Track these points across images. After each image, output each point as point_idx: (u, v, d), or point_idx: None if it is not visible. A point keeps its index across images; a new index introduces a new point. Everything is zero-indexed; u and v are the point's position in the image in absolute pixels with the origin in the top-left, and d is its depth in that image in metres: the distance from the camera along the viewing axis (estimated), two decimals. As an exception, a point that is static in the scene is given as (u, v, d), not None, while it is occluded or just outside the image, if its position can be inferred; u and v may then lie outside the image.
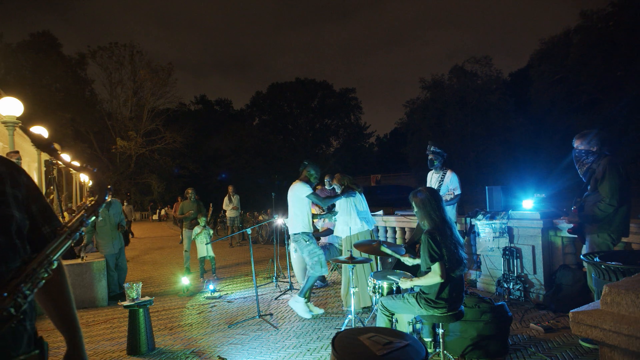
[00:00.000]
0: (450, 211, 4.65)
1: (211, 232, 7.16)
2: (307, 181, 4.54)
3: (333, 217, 4.91)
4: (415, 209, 2.79)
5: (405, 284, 2.79)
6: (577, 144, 3.42)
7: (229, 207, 11.15)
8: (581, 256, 2.79)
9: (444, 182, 4.95)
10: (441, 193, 4.63)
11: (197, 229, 6.88)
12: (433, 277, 2.57)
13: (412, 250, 4.26)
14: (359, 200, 4.70)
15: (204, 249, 6.73)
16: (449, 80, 38.52)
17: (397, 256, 3.34)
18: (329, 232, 5.89)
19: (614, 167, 3.15)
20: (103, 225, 5.88)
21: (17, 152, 5.50)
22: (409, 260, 3.19)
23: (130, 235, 12.37)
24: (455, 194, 4.85)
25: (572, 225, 3.56)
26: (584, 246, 3.42)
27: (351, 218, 4.60)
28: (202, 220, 6.92)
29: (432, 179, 5.13)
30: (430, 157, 5.06)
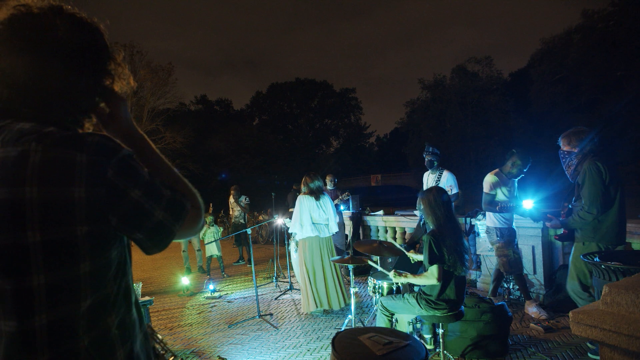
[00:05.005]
0: None
1: (220, 230, 7.21)
2: (506, 173, 4.22)
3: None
4: (422, 207, 2.79)
5: (398, 278, 2.80)
6: (561, 144, 3.20)
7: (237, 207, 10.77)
8: (581, 256, 2.76)
9: (440, 182, 4.97)
10: None
11: (204, 228, 6.98)
12: (429, 279, 2.57)
13: (413, 250, 4.27)
14: (315, 207, 4.46)
15: (210, 247, 6.80)
16: (450, 80, 38.56)
17: (403, 250, 3.39)
18: None
19: (594, 171, 2.88)
20: None
21: None
22: (414, 256, 3.24)
23: None
24: (453, 192, 4.87)
25: (562, 231, 3.41)
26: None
27: (303, 224, 4.46)
28: (209, 219, 7.00)
29: (429, 180, 5.15)
30: (429, 158, 5.08)
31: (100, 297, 0.76)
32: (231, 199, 8.95)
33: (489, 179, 4.26)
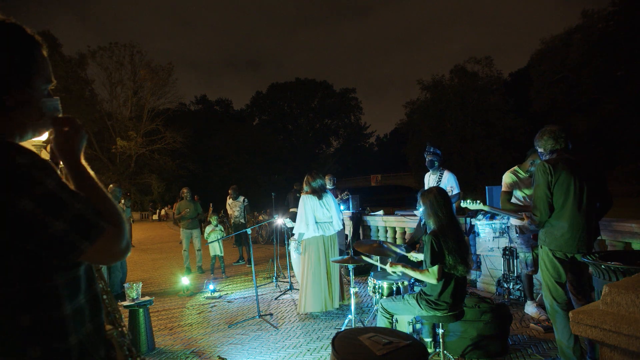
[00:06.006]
0: None
1: (222, 231, 7.30)
2: (525, 171, 4.10)
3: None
4: (423, 207, 2.77)
5: (394, 267, 2.79)
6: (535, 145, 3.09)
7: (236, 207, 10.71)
8: (582, 257, 2.75)
9: (441, 182, 4.97)
10: None
11: (208, 228, 7.04)
12: (428, 278, 2.57)
13: (413, 250, 4.27)
14: (318, 206, 4.50)
15: (215, 247, 6.84)
16: (449, 81, 38.56)
17: (403, 253, 3.39)
18: None
19: (540, 172, 2.74)
20: None
21: None
22: (414, 255, 3.24)
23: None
24: (454, 192, 4.86)
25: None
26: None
27: (308, 224, 4.48)
28: (214, 220, 7.07)
29: (430, 180, 5.15)
30: (430, 158, 5.07)
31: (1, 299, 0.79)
32: (229, 200, 8.95)
33: (505, 177, 4.18)
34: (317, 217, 4.50)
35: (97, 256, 0.88)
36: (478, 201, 3.81)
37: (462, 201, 3.76)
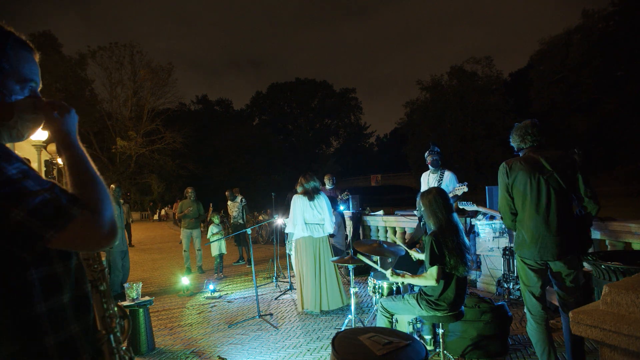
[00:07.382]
0: None
1: (222, 230, 7.40)
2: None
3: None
4: (422, 208, 2.77)
5: (395, 278, 2.79)
6: None
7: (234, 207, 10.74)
8: (583, 257, 2.74)
9: (442, 182, 4.96)
10: None
11: (213, 228, 7.13)
12: (428, 280, 2.57)
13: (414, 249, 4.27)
14: (308, 207, 4.51)
15: (218, 246, 6.90)
16: (449, 81, 38.57)
17: (404, 248, 3.40)
18: None
19: (500, 171, 2.57)
20: (117, 220, 5.88)
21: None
22: (415, 254, 3.24)
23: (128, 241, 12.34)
24: (463, 191, 4.85)
25: None
26: None
27: (296, 224, 4.54)
28: (216, 218, 7.14)
29: (430, 180, 5.13)
30: (434, 157, 5.07)
31: None
32: (228, 201, 9.05)
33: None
34: (306, 218, 4.50)
35: (71, 244, 0.84)
36: (470, 202, 3.79)
37: (458, 203, 3.76)
